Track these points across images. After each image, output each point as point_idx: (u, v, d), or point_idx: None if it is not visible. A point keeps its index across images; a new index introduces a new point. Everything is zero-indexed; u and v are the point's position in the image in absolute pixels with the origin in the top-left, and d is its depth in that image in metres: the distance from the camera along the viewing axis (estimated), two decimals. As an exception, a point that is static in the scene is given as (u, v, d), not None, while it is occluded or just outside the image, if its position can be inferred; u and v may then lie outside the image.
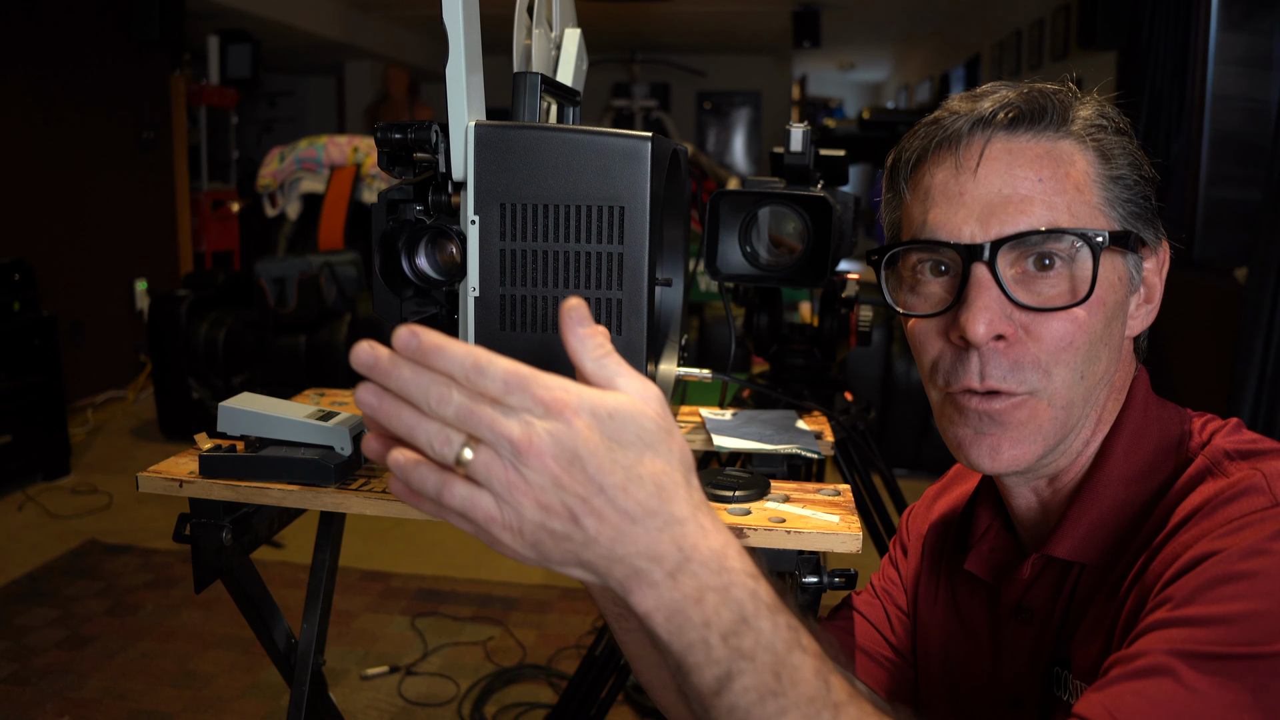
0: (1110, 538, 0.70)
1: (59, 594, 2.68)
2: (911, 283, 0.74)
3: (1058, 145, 0.70)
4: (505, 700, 2.18)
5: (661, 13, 7.54)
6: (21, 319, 3.54)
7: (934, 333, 0.73)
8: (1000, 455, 0.70)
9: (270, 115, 9.10)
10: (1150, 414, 0.75)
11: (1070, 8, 4.84)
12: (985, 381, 0.69)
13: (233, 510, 0.92)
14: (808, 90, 12.03)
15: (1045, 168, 0.69)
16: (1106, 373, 0.72)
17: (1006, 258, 0.68)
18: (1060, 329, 0.68)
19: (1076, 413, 0.71)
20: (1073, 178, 0.69)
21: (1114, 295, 0.70)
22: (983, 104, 0.71)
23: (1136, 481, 0.71)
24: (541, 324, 0.76)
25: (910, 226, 0.74)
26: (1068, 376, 0.69)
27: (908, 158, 0.75)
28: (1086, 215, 0.69)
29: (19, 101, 4.35)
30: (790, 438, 1.05)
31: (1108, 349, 0.71)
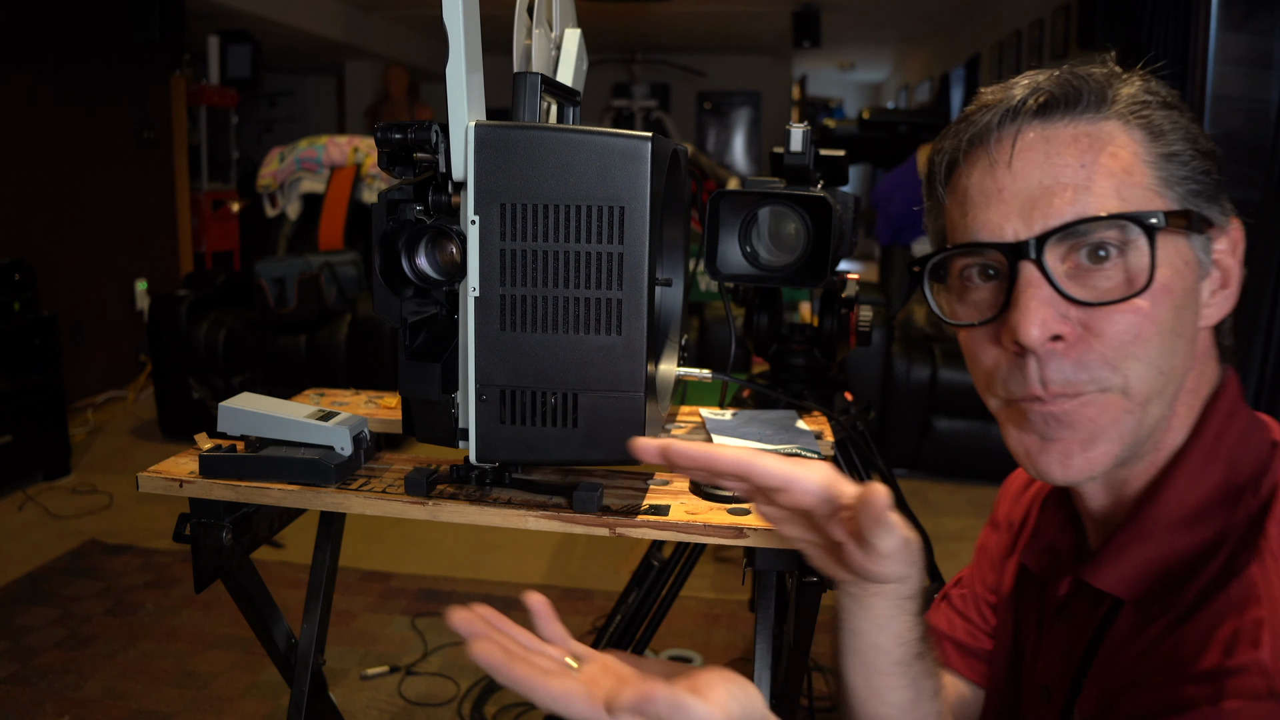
0: (1158, 583, 0.65)
1: (59, 594, 2.68)
2: (960, 291, 0.70)
3: (1098, 127, 0.64)
4: (505, 700, 2.18)
5: (661, 13, 7.54)
6: (21, 319, 3.54)
7: (986, 340, 0.68)
8: (1072, 461, 0.65)
9: (270, 115, 9.10)
10: (1228, 435, 0.67)
11: (1070, 8, 4.84)
12: (1049, 388, 0.64)
13: (233, 510, 0.92)
14: (808, 90, 12.03)
15: (1086, 152, 0.64)
16: (1185, 367, 0.66)
17: (1055, 252, 0.63)
18: (1124, 322, 0.62)
19: (1155, 411, 0.65)
20: (1120, 160, 0.63)
21: (1180, 282, 0.64)
22: (1012, 93, 0.67)
23: (1190, 524, 0.65)
24: (542, 324, 0.76)
25: (953, 232, 0.70)
26: (1143, 371, 0.63)
27: (941, 160, 0.71)
28: (1139, 198, 0.63)
29: (19, 101, 4.35)
30: (790, 438, 1.05)
31: (1182, 341, 0.64)
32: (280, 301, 4.07)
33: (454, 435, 0.82)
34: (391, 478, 0.91)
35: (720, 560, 2.90)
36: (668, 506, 0.85)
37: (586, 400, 0.77)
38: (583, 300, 0.75)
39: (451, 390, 0.81)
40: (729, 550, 2.79)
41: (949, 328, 0.71)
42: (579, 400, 0.77)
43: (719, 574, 2.84)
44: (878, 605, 0.68)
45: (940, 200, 0.72)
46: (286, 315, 4.05)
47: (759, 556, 0.84)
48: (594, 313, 0.76)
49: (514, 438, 0.79)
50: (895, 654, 0.70)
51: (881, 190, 5.46)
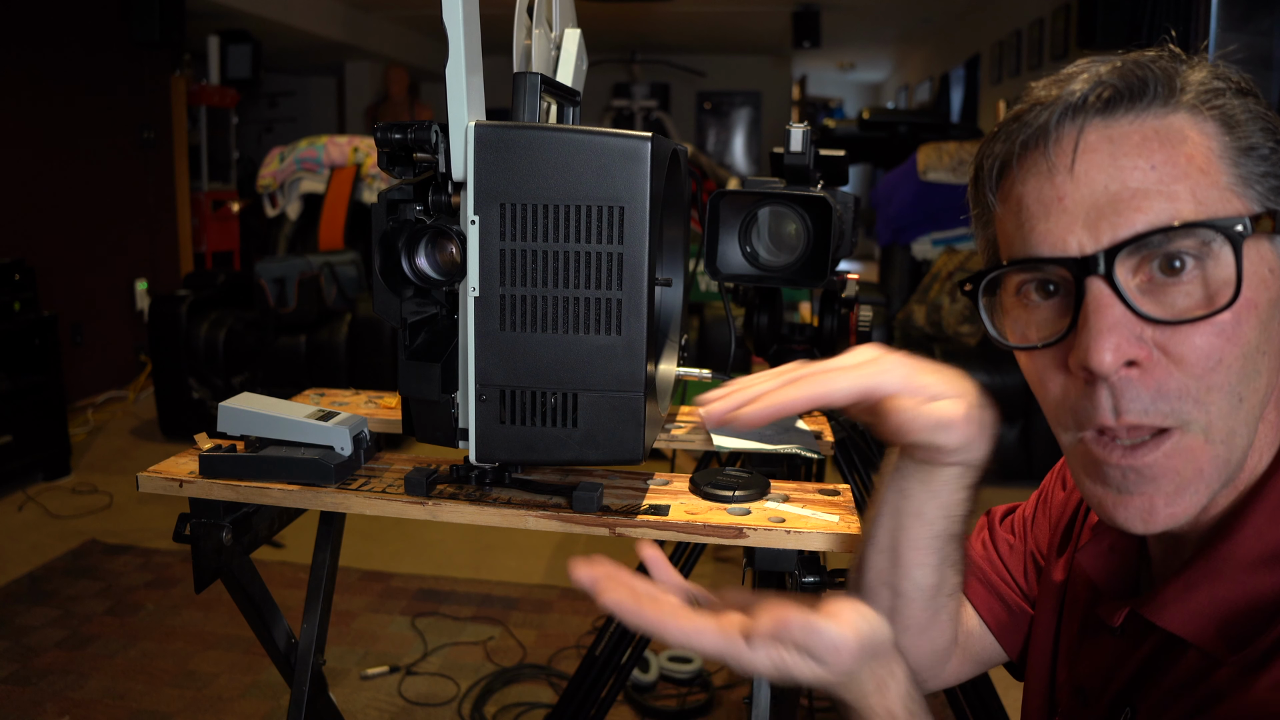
0: (1230, 627, 0.59)
1: (59, 594, 2.68)
2: (1018, 311, 0.63)
3: (1167, 122, 0.58)
4: (505, 700, 2.18)
5: (661, 13, 7.55)
6: (21, 319, 3.54)
7: (1052, 366, 0.61)
8: (1156, 516, 0.59)
9: (270, 115, 9.10)
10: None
11: (1070, 8, 4.84)
12: (1123, 417, 0.57)
13: (233, 510, 0.92)
14: (808, 90, 12.03)
15: (1157, 152, 0.57)
16: (1269, 387, 0.59)
17: (1126, 265, 0.57)
18: (1205, 344, 0.55)
19: (1240, 443, 0.58)
20: (1194, 158, 0.57)
21: (1266, 293, 0.57)
22: (1070, 87, 0.60)
23: (1268, 565, 0.59)
24: (542, 324, 0.76)
25: (1007, 245, 0.63)
26: (1224, 403, 0.57)
27: (991, 165, 0.64)
28: (1217, 201, 0.56)
29: (19, 101, 4.35)
30: (790, 438, 1.05)
31: (1267, 358, 0.58)
32: (280, 301, 4.07)
33: (454, 435, 0.82)
34: (391, 478, 0.91)
35: (720, 560, 2.90)
36: (668, 506, 0.85)
37: (586, 400, 0.77)
38: (583, 300, 0.75)
39: (451, 390, 0.81)
40: (729, 550, 2.79)
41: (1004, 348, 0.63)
42: (579, 400, 0.77)
43: (719, 574, 2.84)
44: (936, 471, 0.66)
45: (990, 208, 0.65)
46: (286, 315, 4.05)
47: (759, 556, 0.84)
48: (594, 313, 0.76)
49: (514, 438, 0.79)
50: (936, 526, 0.68)
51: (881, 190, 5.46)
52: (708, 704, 2.16)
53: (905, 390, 0.59)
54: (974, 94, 7.45)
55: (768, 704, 0.87)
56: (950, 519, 0.69)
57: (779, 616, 0.54)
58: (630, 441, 0.78)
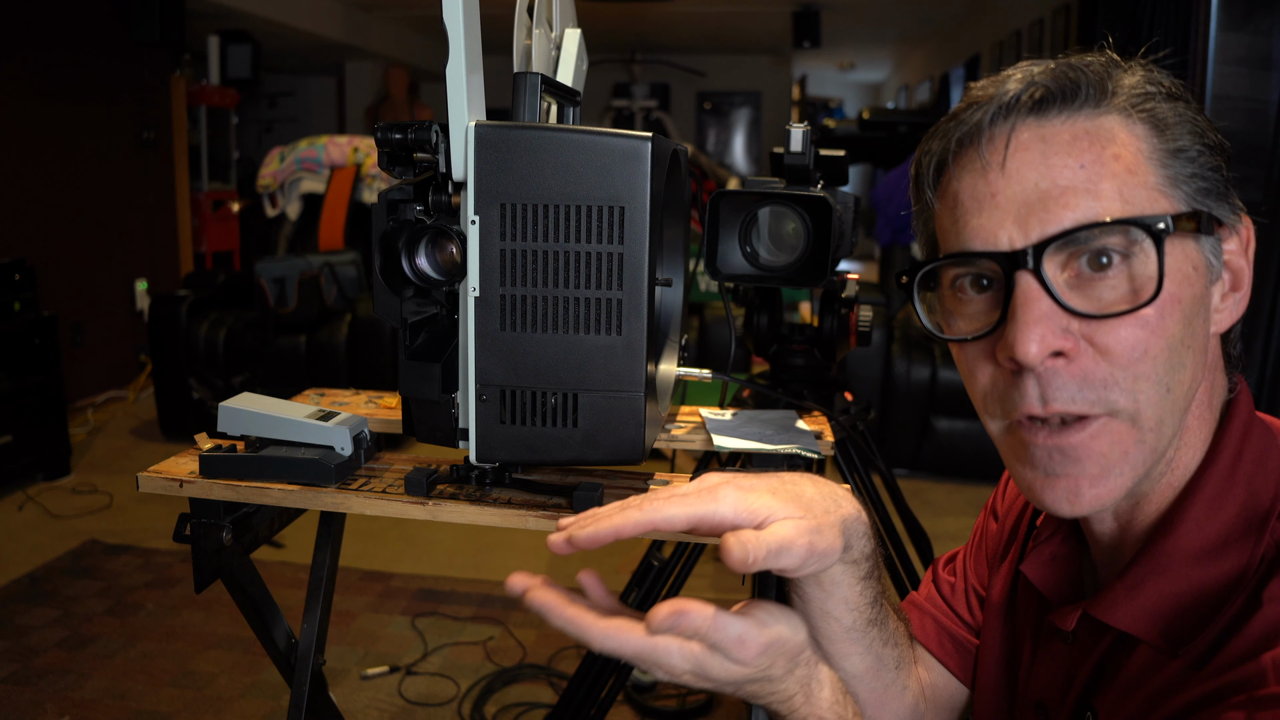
0: (1179, 621, 0.60)
1: (59, 594, 2.68)
2: (952, 302, 0.65)
3: (1098, 123, 0.60)
4: (505, 700, 2.18)
5: (661, 13, 7.54)
6: (21, 319, 3.54)
7: (982, 357, 0.63)
8: (1081, 498, 0.60)
9: (270, 115, 9.10)
10: (1245, 457, 0.62)
11: (1070, 8, 4.85)
12: (1049, 405, 0.59)
13: (233, 510, 0.92)
14: (808, 90, 12.03)
15: (1086, 151, 0.59)
16: (1194, 380, 0.61)
17: (1054, 261, 0.59)
18: (1130, 336, 0.57)
19: (1167, 431, 0.60)
20: (1122, 158, 0.59)
21: (1190, 289, 0.59)
22: (1005, 87, 0.61)
23: (1211, 558, 0.60)
24: (542, 324, 0.76)
25: (944, 239, 0.65)
26: (1151, 392, 0.58)
27: (929, 162, 0.65)
28: (1144, 200, 0.58)
29: (19, 101, 4.36)
30: (790, 438, 1.05)
31: (1192, 352, 0.60)
32: (280, 301, 4.07)
33: (454, 435, 0.82)
34: (391, 478, 0.91)
35: (720, 560, 2.90)
36: (668, 506, 0.85)
37: (586, 400, 0.77)
38: (583, 300, 0.75)
39: (451, 390, 0.81)
40: (729, 550, 2.79)
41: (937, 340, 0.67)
42: (579, 400, 0.77)
43: (719, 574, 2.84)
44: (820, 576, 0.66)
45: (929, 205, 0.67)
46: (286, 315, 4.05)
47: (759, 556, 0.84)
48: (594, 313, 0.76)
49: (514, 438, 0.79)
50: (845, 620, 0.69)
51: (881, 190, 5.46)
52: (707, 704, 2.16)
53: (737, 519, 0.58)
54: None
55: (768, 704, 0.87)
56: (857, 611, 0.69)
57: (677, 605, 0.55)
58: (630, 441, 0.78)
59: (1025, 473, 0.63)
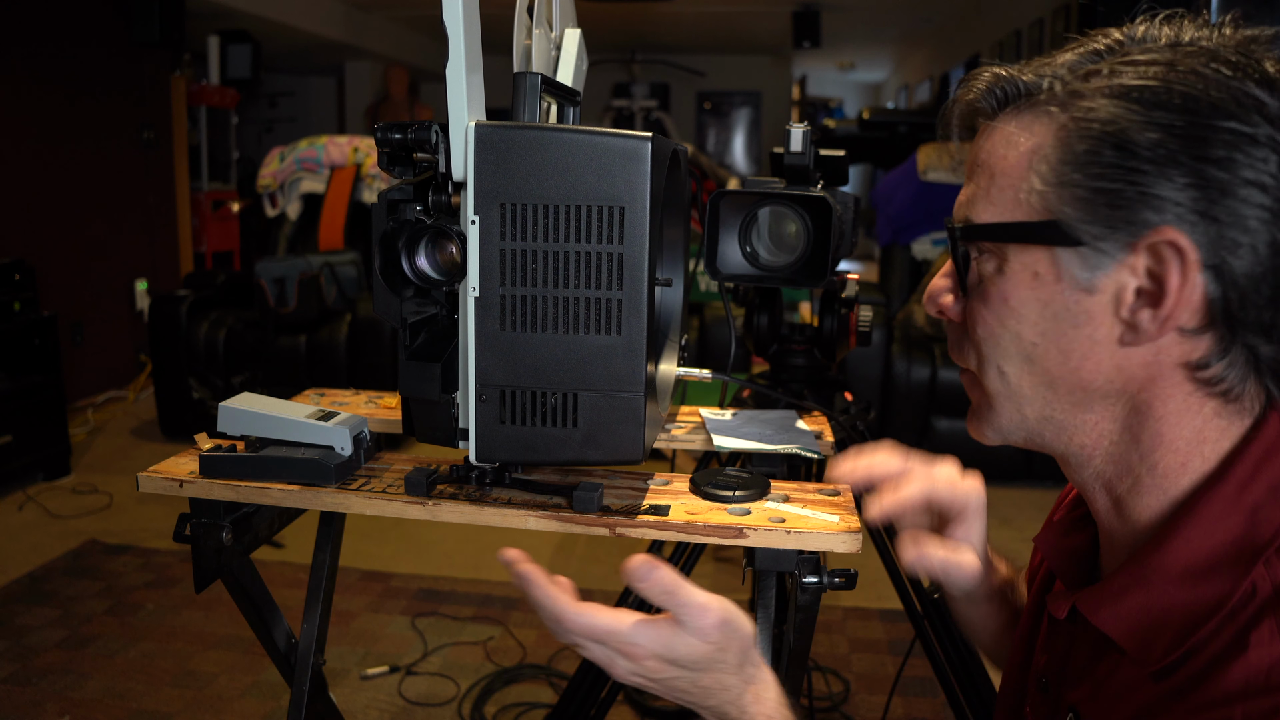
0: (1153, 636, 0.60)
1: (59, 594, 2.68)
2: None
3: (1018, 123, 0.63)
4: (505, 700, 2.18)
5: (661, 13, 7.55)
6: (21, 319, 3.54)
7: None
8: (975, 430, 0.72)
9: (270, 115, 9.11)
10: (1256, 485, 0.59)
11: (1070, 8, 4.85)
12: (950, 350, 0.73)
13: (233, 510, 0.92)
14: (808, 90, 12.03)
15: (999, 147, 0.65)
16: (1067, 378, 0.62)
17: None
18: (974, 317, 0.67)
19: (1031, 413, 0.66)
20: (1008, 159, 0.63)
21: (1027, 292, 0.62)
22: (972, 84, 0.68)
23: (1194, 579, 0.59)
24: (542, 324, 0.76)
25: None
26: (988, 370, 0.67)
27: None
28: (1005, 203, 0.63)
29: (19, 102, 4.36)
30: (790, 438, 1.05)
31: (1073, 355, 0.61)
32: (280, 301, 4.07)
33: (454, 435, 0.82)
34: (391, 478, 0.91)
35: (720, 560, 2.90)
36: (668, 506, 0.85)
37: (586, 400, 0.77)
38: (583, 300, 0.75)
39: (451, 390, 0.81)
40: (729, 550, 2.79)
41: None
42: (579, 400, 0.77)
43: (719, 574, 2.84)
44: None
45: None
46: (286, 315, 4.05)
47: (759, 556, 0.84)
48: (594, 313, 0.76)
49: (514, 438, 0.79)
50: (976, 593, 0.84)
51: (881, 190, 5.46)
52: (708, 704, 2.16)
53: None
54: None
55: (768, 704, 0.87)
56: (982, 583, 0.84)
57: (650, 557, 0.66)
58: (630, 441, 0.78)
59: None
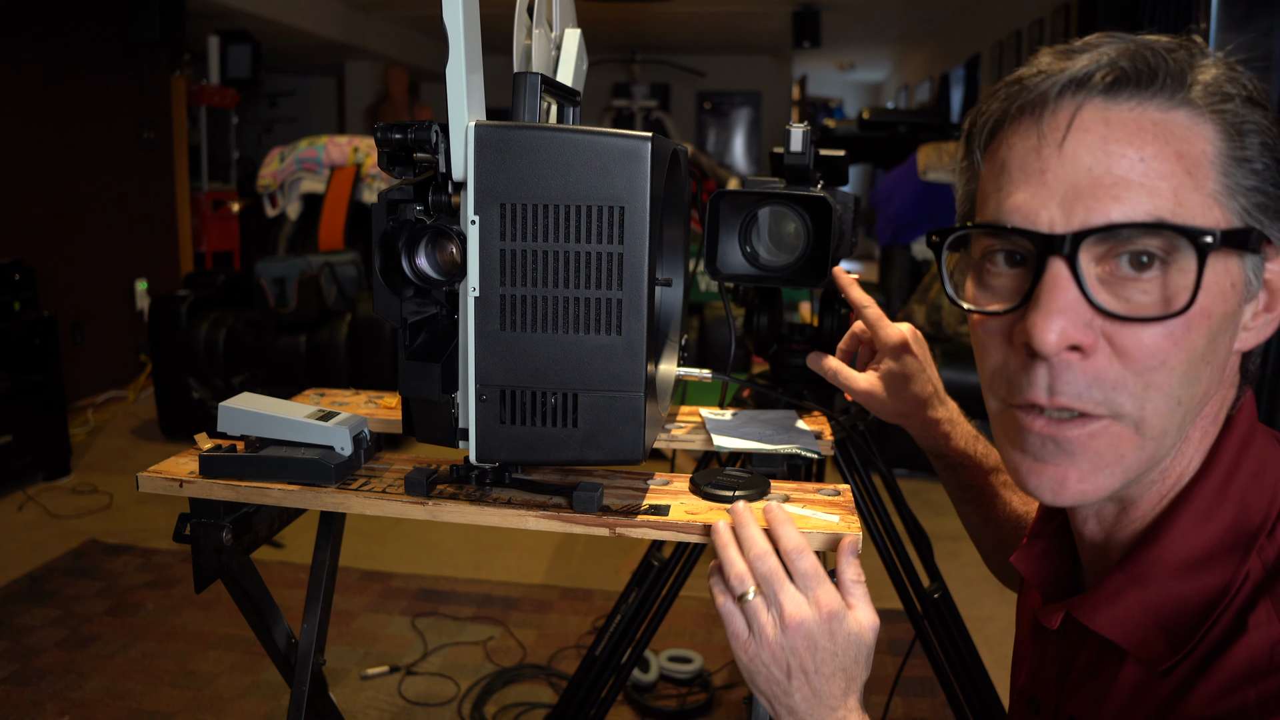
0: (1158, 632, 0.60)
1: (59, 594, 2.68)
2: (979, 271, 0.63)
3: (1170, 116, 0.56)
4: (505, 700, 2.18)
5: (661, 13, 7.54)
6: (21, 319, 3.54)
7: (1000, 333, 0.61)
8: (1066, 489, 0.59)
9: (270, 115, 9.11)
10: (1241, 472, 0.61)
11: (1070, 8, 4.85)
12: (1055, 398, 0.57)
13: (233, 510, 0.92)
14: (808, 90, 12.03)
15: (1150, 144, 0.55)
16: (1206, 395, 0.59)
17: (1092, 252, 0.56)
18: (1153, 344, 0.55)
19: (1168, 442, 0.59)
20: (1185, 158, 0.55)
21: (1223, 305, 0.57)
22: (1077, 61, 0.58)
23: (1194, 571, 0.59)
24: (542, 324, 0.76)
25: (984, 205, 0.62)
26: (1161, 403, 0.56)
27: (984, 122, 0.62)
28: (1197, 206, 0.55)
29: (19, 101, 4.35)
30: (790, 438, 1.05)
31: (1210, 368, 0.58)
32: (280, 301, 4.07)
33: (454, 435, 0.82)
34: (391, 478, 0.91)
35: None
36: (668, 506, 0.85)
37: (586, 400, 0.77)
38: (583, 300, 0.75)
39: (451, 390, 0.81)
40: (729, 550, 2.79)
41: (957, 307, 0.64)
42: (579, 400, 0.77)
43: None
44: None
45: (976, 165, 0.64)
46: (286, 315, 4.05)
47: (759, 556, 0.84)
48: (594, 313, 0.76)
49: (514, 438, 0.79)
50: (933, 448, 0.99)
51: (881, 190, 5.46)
52: (708, 704, 2.16)
53: None
54: (974, 94, 7.45)
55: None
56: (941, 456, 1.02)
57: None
58: (630, 441, 0.78)
59: (1014, 455, 0.61)
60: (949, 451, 1.00)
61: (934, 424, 0.98)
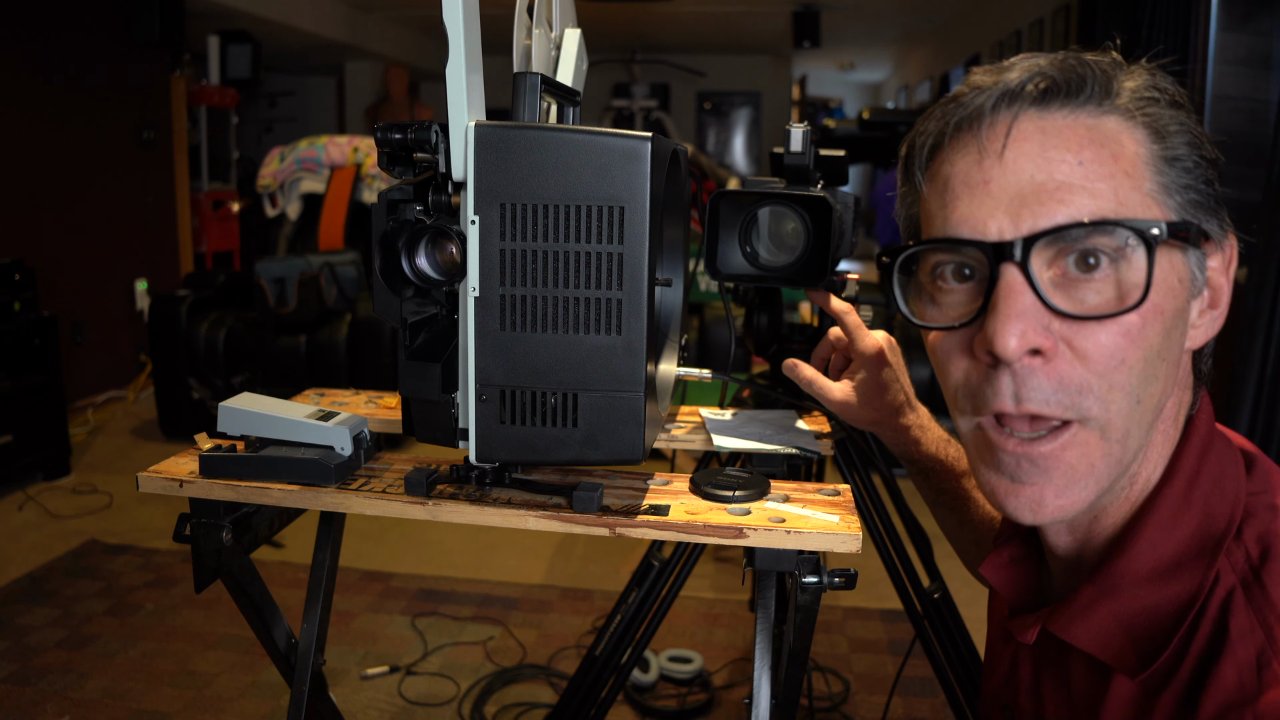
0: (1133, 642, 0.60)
1: (59, 594, 2.68)
2: (932, 290, 0.64)
3: (1101, 121, 0.58)
4: (505, 700, 2.18)
5: (661, 13, 7.54)
6: (21, 319, 3.54)
7: (959, 349, 0.62)
8: (1044, 508, 0.59)
9: (270, 115, 9.10)
10: (1203, 477, 0.62)
11: (1070, 8, 4.85)
12: (1022, 405, 0.58)
13: (233, 510, 0.92)
14: (808, 90, 12.03)
15: (1087, 148, 0.57)
16: (1164, 394, 0.60)
17: (1042, 257, 0.57)
18: (1110, 342, 0.56)
19: (1133, 444, 0.60)
20: (1120, 159, 0.58)
21: (1174, 301, 0.58)
22: (1009, 75, 0.60)
23: (1163, 579, 0.60)
24: (542, 324, 0.76)
25: (929, 224, 0.64)
26: (1123, 402, 0.57)
27: (923, 142, 0.64)
28: (1138, 204, 0.57)
29: (19, 102, 4.35)
30: (790, 438, 1.05)
31: (1166, 365, 0.59)
32: (280, 301, 4.07)
33: (454, 435, 0.82)
34: (391, 478, 0.91)
35: (720, 560, 2.90)
36: (668, 506, 0.85)
37: (586, 400, 0.77)
38: (583, 300, 0.75)
39: (451, 390, 0.81)
40: (729, 550, 2.79)
41: (913, 325, 0.64)
42: (579, 400, 0.77)
43: (719, 574, 2.84)
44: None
45: (917, 187, 0.65)
46: (286, 315, 4.05)
47: (759, 556, 0.84)
48: (594, 313, 0.76)
49: (514, 438, 0.79)
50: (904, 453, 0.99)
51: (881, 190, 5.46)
52: (708, 704, 2.16)
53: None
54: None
55: (768, 704, 0.87)
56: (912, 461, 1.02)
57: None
58: (630, 441, 0.78)
59: (990, 476, 0.62)
60: (920, 457, 0.99)
61: (905, 430, 0.98)
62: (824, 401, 0.99)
